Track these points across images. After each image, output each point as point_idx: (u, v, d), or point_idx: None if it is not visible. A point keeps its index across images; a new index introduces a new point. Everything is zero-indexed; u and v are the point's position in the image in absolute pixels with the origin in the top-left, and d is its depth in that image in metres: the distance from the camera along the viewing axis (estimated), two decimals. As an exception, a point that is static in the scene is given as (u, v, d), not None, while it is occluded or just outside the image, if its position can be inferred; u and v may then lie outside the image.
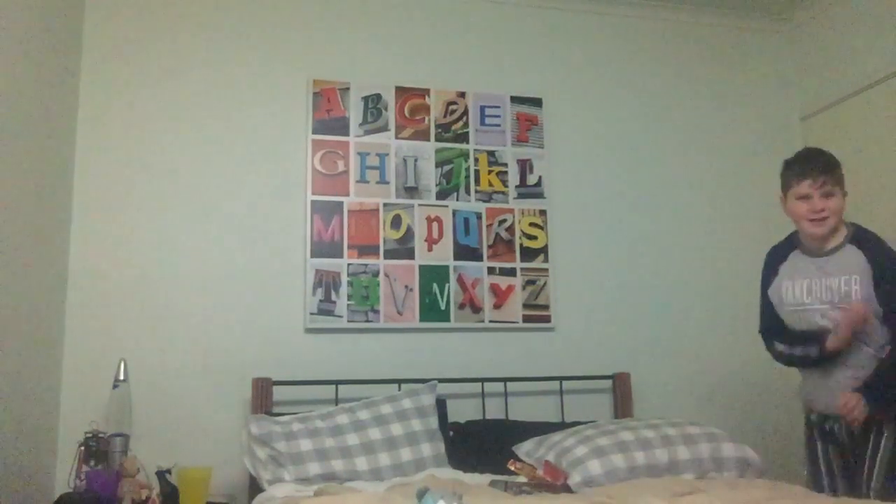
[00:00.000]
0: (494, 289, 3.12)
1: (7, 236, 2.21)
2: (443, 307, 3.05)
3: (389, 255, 3.03)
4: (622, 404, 3.06)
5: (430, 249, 3.08)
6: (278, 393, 2.77)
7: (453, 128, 3.21)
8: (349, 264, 2.98)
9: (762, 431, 3.23)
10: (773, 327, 2.43)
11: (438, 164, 3.16)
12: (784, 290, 2.37)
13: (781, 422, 3.29)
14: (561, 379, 3.03)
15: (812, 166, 2.29)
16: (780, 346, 2.39)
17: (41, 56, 2.49)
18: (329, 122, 3.07)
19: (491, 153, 3.23)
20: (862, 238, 2.27)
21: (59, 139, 2.70)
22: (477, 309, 3.08)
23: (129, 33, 2.95)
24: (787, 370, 2.48)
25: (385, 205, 3.07)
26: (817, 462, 2.36)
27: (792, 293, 2.34)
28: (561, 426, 2.75)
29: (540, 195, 3.25)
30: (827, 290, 2.26)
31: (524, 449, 2.60)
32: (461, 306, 3.07)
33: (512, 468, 2.33)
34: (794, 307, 2.34)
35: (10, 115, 2.23)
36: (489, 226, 3.17)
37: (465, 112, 3.23)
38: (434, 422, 2.66)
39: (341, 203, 3.02)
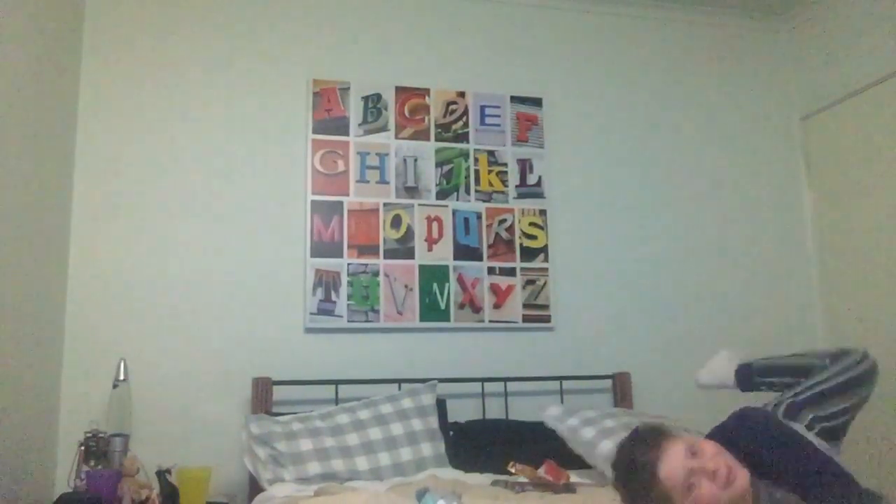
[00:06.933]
0: (494, 289, 3.12)
1: (7, 236, 2.21)
2: (443, 307, 3.04)
3: (389, 254, 3.03)
4: (622, 404, 3.05)
5: (430, 249, 3.08)
6: (278, 393, 2.76)
7: (453, 128, 3.21)
8: (349, 264, 2.98)
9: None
10: None
11: (438, 164, 3.16)
12: None
13: (781, 422, 3.30)
14: (561, 379, 3.03)
15: None
16: None
17: (41, 55, 2.49)
18: (329, 121, 3.07)
19: (491, 153, 3.23)
20: None
21: (59, 138, 2.69)
22: (477, 309, 3.08)
23: (128, 33, 2.95)
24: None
25: (385, 205, 3.07)
26: None
27: None
28: (561, 426, 2.75)
29: (540, 195, 3.25)
30: None
31: (551, 413, 2.66)
32: (461, 306, 3.07)
33: (512, 470, 2.31)
34: None
35: (10, 114, 2.23)
36: (489, 226, 3.17)
37: (465, 112, 3.23)
38: (434, 422, 2.66)
39: (341, 203, 3.02)
